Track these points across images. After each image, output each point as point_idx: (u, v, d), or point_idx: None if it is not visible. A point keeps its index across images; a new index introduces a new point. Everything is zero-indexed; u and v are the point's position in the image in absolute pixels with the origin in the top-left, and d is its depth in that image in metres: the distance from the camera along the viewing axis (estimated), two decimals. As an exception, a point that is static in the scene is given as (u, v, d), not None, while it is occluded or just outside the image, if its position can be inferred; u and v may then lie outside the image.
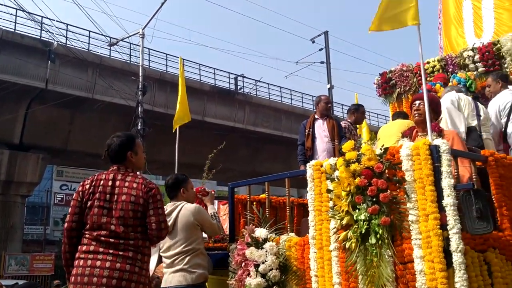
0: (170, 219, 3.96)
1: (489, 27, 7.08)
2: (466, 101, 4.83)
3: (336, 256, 3.26)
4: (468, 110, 4.76)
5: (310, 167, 3.65)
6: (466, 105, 4.77)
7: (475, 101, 4.97)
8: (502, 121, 5.18)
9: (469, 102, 4.85)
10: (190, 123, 6.15)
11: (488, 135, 4.66)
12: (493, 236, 3.07)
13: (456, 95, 4.96)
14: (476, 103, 4.87)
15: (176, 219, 3.96)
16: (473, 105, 4.82)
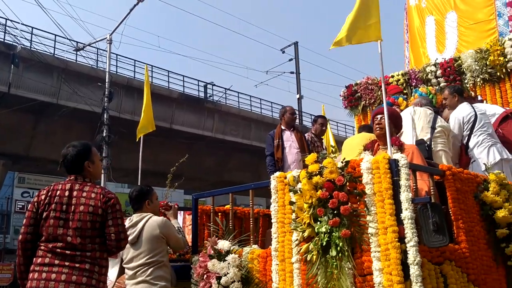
0: (136, 230, 3.91)
1: (452, 44, 7.32)
2: (422, 115, 4.94)
3: (298, 268, 3.27)
4: (422, 123, 4.86)
5: (274, 179, 3.66)
6: (421, 118, 4.87)
7: (436, 114, 5.10)
8: (465, 134, 5.33)
9: (426, 115, 4.96)
10: (157, 131, 6.07)
11: (443, 147, 4.76)
12: (449, 248, 3.14)
13: (412, 109, 5.10)
14: (435, 116, 4.99)
15: (141, 231, 3.90)
16: (430, 118, 4.93)
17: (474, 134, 5.29)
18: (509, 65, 6.19)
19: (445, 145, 4.80)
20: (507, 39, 6.24)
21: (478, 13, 7.22)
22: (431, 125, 4.83)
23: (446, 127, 4.94)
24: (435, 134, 4.77)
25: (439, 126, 4.88)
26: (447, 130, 4.94)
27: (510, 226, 3.62)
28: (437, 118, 4.97)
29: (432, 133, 4.78)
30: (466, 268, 3.21)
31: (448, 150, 4.83)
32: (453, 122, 5.36)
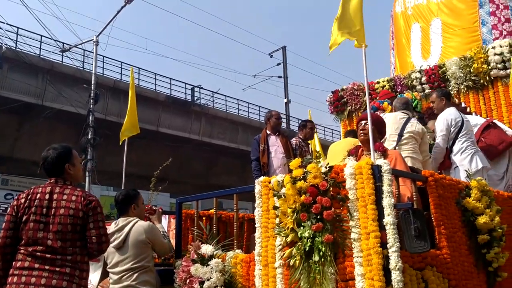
0: (121, 235, 3.88)
1: (436, 50, 7.41)
2: (390, 122, 4.94)
3: (281, 273, 3.27)
4: (390, 131, 4.88)
5: (259, 183, 3.66)
6: (389, 125, 4.88)
7: (409, 119, 5.10)
8: (450, 137, 5.37)
9: (395, 121, 4.99)
10: (143, 134, 6.05)
11: (409, 154, 4.76)
12: (431, 254, 3.16)
13: (384, 115, 5.15)
14: (406, 121, 4.99)
15: (127, 235, 3.87)
16: (399, 124, 4.93)
17: (459, 139, 5.35)
18: (492, 72, 6.28)
19: (413, 150, 4.77)
20: (490, 47, 6.33)
21: (462, 20, 7.31)
22: (398, 132, 4.82)
23: (417, 131, 4.89)
24: (401, 141, 4.77)
25: (408, 132, 4.85)
26: (419, 134, 4.90)
27: (491, 232, 3.66)
28: (408, 123, 4.95)
29: (398, 140, 4.78)
30: (448, 274, 3.24)
31: (417, 155, 4.80)
32: (442, 123, 5.38)
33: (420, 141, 4.99)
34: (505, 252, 3.75)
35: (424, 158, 5.03)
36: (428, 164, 4.92)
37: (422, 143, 5.02)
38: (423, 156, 5.02)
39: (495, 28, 7.02)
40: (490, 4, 7.16)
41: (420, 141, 4.99)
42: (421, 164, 4.85)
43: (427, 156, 5.12)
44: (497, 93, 6.28)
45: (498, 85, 6.30)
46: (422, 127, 5.05)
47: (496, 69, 6.23)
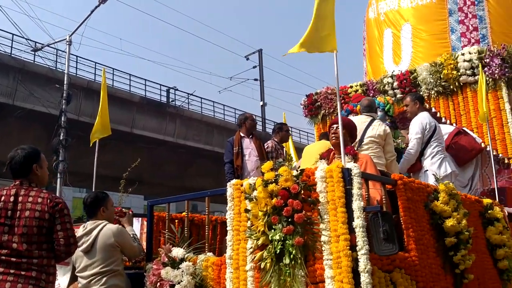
0: (90, 238, 3.82)
1: (407, 55, 7.55)
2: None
3: (252, 276, 3.27)
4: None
5: (230, 186, 3.65)
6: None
7: (372, 121, 5.14)
8: (425, 139, 5.47)
9: (358, 125, 5.03)
10: (117, 135, 5.98)
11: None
12: (399, 256, 3.21)
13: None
14: (369, 125, 5.02)
15: (96, 239, 3.81)
16: (361, 128, 4.96)
17: (431, 144, 5.47)
18: (461, 78, 6.45)
19: (375, 155, 4.75)
20: (460, 54, 6.49)
21: (431, 27, 7.48)
22: (359, 138, 4.84)
23: (378, 134, 4.86)
24: (362, 146, 4.81)
25: (368, 137, 4.85)
26: (381, 137, 4.84)
27: (458, 235, 3.74)
28: (370, 126, 4.96)
29: (359, 146, 4.82)
30: (415, 276, 3.29)
31: (379, 159, 4.80)
32: (417, 126, 5.48)
33: (383, 143, 4.96)
34: (472, 255, 3.84)
35: (389, 158, 4.98)
36: (393, 165, 4.95)
37: (386, 144, 4.96)
38: (388, 156, 4.98)
39: (464, 36, 7.21)
40: (459, 13, 7.36)
41: (383, 143, 4.95)
42: (384, 168, 4.88)
43: (393, 156, 5.07)
44: (466, 99, 6.45)
45: (467, 91, 6.46)
46: (385, 128, 5.02)
47: (465, 75, 6.40)
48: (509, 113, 6.12)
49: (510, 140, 6.07)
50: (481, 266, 4.19)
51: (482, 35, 7.19)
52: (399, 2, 7.88)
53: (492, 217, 4.61)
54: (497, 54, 6.16)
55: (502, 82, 6.17)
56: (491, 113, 6.15)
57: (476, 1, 7.34)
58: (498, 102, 6.19)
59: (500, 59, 6.12)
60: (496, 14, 7.23)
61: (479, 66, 6.15)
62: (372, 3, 8.33)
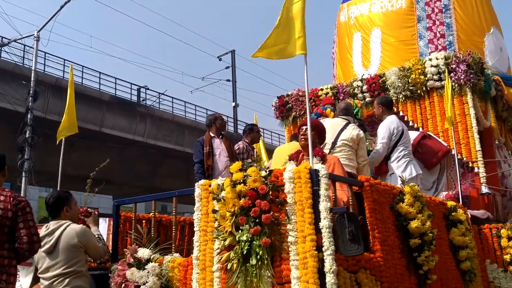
0: (52, 238, 3.72)
1: (376, 60, 7.67)
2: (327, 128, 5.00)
3: (218, 277, 3.26)
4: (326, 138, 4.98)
5: (198, 187, 3.63)
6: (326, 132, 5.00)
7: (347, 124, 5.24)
8: (391, 144, 5.58)
9: (332, 128, 5.08)
10: (86, 134, 5.87)
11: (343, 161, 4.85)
12: (364, 257, 3.25)
13: (323, 121, 5.31)
14: (343, 127, 5.11)
15: (58, 239, 3.72)
16: (336, 131, 5.03)
17: (397, 148, 5.57)
18: (429, 83, 6.58)
19: (347, 157, 4.86)
20: (427, 59, 6.63)
21: (400, 33, 7.62)
22: (332, 140, 4.93)
23: (351, 138, 4.96)
24: (335, 148, 4.89)
25: (341, 140, 4.95)
26: (354, 140, 4.96)
27: (422, 236, 3.82)
28: (345, 129, 5.05)
29: (332, 148, 4.90)
30: (380, 277, 3.34)
31: (351, 162, 4.91)
32: (384, 131, 5.57)
33: (357, 147, 5.06)
34: (435, 256, 3.93)
35: (361, 163, 5.09)
36: (365, 169, 5.04)
37: (359, 148, 5.07)
38: (361, 161, 5.08)
39: (431, 43, 7.38)
40: (427, 20, 7.53)
41: (356, 147, 5.05)
42: (354, 170, 4.96)
43: (365, 161, 5.20)
44: (433, 103, 6.59)
45: (433, 96, 6.60)
46: (358, 133, 5.12)
47: (432, 80, 6.54)
48: (473, 118, 6.28)
49: (474, 144, 6.23)
50: (444, 267, 4.29)
51: (449, 42, 7.38)
52: (370, 7, 8.01)
53: (455, 219, 4.73)
54: (463, 61, 6.31)
55: (467, 87, 6.33)
56: (457, 117, 6.30)
57: (443, 9, 7.52)
58: (463, 107, 6.34)
59: (466, 65, 6.27)
60: (462, 22, 7.43)
61: (445, 71, 6.29)
62: (344, 7, 8.43)
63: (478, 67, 6.39)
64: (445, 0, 7.54)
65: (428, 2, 7.57)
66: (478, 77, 6.37)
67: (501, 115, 7.27)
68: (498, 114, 7.14)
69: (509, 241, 5.17)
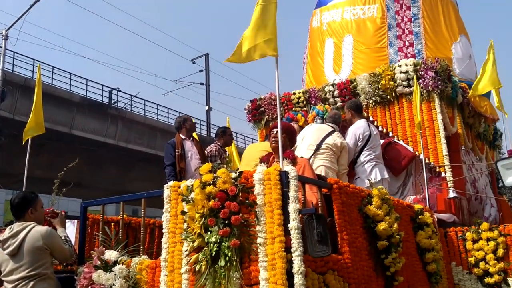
0: (16, 241, 3.63)
1: (347, 66, 7.77)
2: (314, 132, 5.34)
3: (187, 279, 3.23)
4: (310, 141, 5.24)
5: (168, 188, 3.60)
6: (312, 135, 5.27)
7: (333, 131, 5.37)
8: (356, 149, 5.68)
9: (318, 132, 5.35)
10: (55, 136, 5.75)
11: (324, 163, 5.16)
12: (333, 259, 3.28)
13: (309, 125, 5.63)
14: (329, 134, 5.28)
15: (22, 241, 3.64)
16: (322, 135, 5.25)
17: (364, 153, 5.68)
18: (398, 89, 6.70)
19: (329, 160, 5.01)
20: (397, 66, 6.76)
21: (372, 40, 7.74)
22: (317, 143, 5.07)
23: (335, 144, 5.19)
24: (319, 150, 5.01)
25: (326, 143, 5.12)
26: (337, 147, 5.20)
27: (389, 238, 3.88)
28: (330, 136, 5.22)
29: (316, 149, 5.01)
30: (348, 278, 3.37)
31: (333, 165, 5.04)
32: (349, 136, 5.68)
33: (339, 154, 5.31)
34: (402, 258, 3.99)
35: (341, 171, 5.33)
36: (343, 178, 5.18)
37: (341, 156, 5.33)
38: (341, 169, 5.32)
39: (401, 51, 7.52)
40: (397, 28, 7.67)
41: (339, 154, 5.29)
42: (335, 174, 5.08)
43: (344, 170, 5.40)
44: (402, 109, 6.71)
45: (403, 101, 6.72)
46: (342, 141, 5.37)
47: (401, 86, 6.66)
48: (441, 123, 6.41)
49: (441, 149, 6.36)
50: (411, 269, 4.37)
51: (417, 51, 7.53)
52: (342, 13, 8.10)
53: (422, 222, 4.82)
54: (431, 67, 6.45)
55: (435, 94, 6.46)
56: (425, 123, 6.42)
57: (412, 18, 7.68)
58: (431, 113, 6.47)
59: (434, 72, 6.41)
60: (431, 31, 7.60)
61: (414, 78, 6.42)
62: (316, 13, 8.51)
63: (446, 74, 6.54)
64: (414, 9, 7.69)
65: (398, 11, 7.72)
66: (446, 84, 6.52)
67: (468, 122, 7.45)
68: (465, 121, 7.32)
69: (474, 244, 5.28)
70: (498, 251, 5.13)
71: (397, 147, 6.41)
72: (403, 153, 6.35)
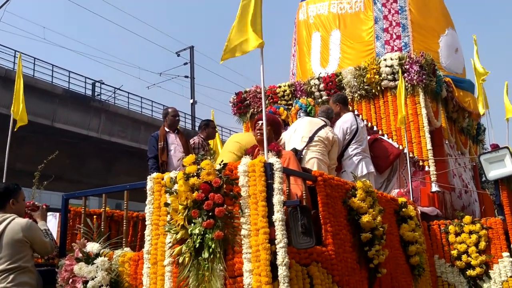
0: None
1: (334, 60, 7.77)
2: (306, 124, 5.36)
3: (170, 271, 3.20)
4: (303, 133, 5.23)
5: (151, 180, 3.56)
6: (304, 128, 5.28)
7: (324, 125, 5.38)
8: (345, 143, 5.70)
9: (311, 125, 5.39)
10: (37, 128, 5.63)
11: (316, 155, 5.17)
12: (316, 250, 3.27)
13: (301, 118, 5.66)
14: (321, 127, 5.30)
15: (2, 233, 3.55)
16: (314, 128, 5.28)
17: (351, 146, 5.69)
18: (383, 83, 6.72)
19: (321, 153, 5.04)
20: (382, 59, 6.77)
21: (359, 34, 7.75)
22: (310, 135, 5.09)
23: (327, 137, 5.22)
24: (311, 143, 5.02)
25: (318, 136, 5.13)
26: (329, 141, 5.22)
27: (373, 231, 3.89)
28: (322, 129, 5.23)
29: (309, 142, 5.02)
30: (332, 270, 3.37)
31: (324, 158, 5.07)
32: (338, 130, 5.70)
33: (330, 148, 5.32)
34: (385, 250, 4.01)
35: (331, 166, 5.33)
36: (332, 173, 5.20)
37: (332, 151, 5.35)
38: (331, 163, 5.34)
39: (388, 44, 7.53)
40: (384, 21, 7.67)
41: (330, 148, 5.30)
42: (326, 167, 5.10)
43: (334, 164, 5.42)
44: (387, 103, 6.74)
45: (388, 95, 6.75)
46: (334, 136, 5.38)
47: (386, 80, 6.68)
48: (425, 118, 6.45)
49: (425, 143, 6.41)
50: (394, 261, 4.39)
51: (404, 43, 7.54)
52: (329, 7, 8.08)
53: (405, 215, 4.85)
54: (416, 62, 6.48)
55: (419, 88, 6.50)
56: (409, 117, 6.46)
57: (399, 10, 7.68)
58: (416, 107, 6.52)
59: (419, 66, 6.44)
60: (418, 24, 7.59)
61: (399, 72, 6.44)
62: (303, 5, 8.48)
63: (431, 68, 6.58)
64: (401, 2, 7.68)
65: (384, 3, 7.71)
66: (430, 78, 6.56)
67: (451, 116, 7.52)
68: (449, 115, 7.38)
69: (456, 237, 5.34)
70: (480, 244, 5.19)
71: (384, 144, 6.44)
72: (390, 150, 6.38)
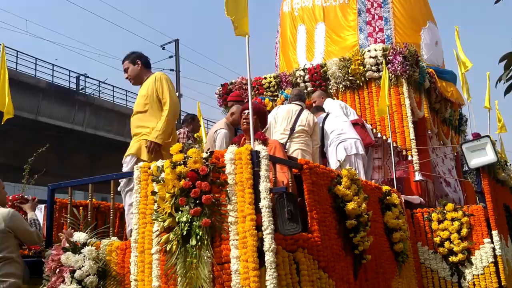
0: None
1: (319, 53, 7.81)
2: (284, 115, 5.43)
3: (157, 259, 3.22)
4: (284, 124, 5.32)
5: (137, 169, 3.57)
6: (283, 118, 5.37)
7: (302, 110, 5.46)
8: None
9: (287, 115, 5.40)
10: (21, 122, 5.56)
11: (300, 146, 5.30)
12: (303, 237, 3.32)
13: (277, 107, 5.69)
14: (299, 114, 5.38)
15: None
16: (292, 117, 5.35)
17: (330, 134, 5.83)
18: (367, 74, 6.80)
19: (305, 143, 5.10)
20: (366, 51, 6.84)
21: (343, 27, 7.80)
22: (291, 126, 5.12)
23: (308, 123, 5.27)
24: (294, 134, 5.07)
25: (299, 125, 5.17)
26: (309, 126, 5.27)
27: (358, 218, 3.95)
28: (300, 116, 5.26)
29: (291, 134, 5.06)
30: (318, 256, 3.42)
31: (308, 147, 5.14)
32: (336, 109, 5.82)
33: (312, 132, 5.37)
34: (370, 237, 4.08)
35: (315, 146, 5.45)
36: (317, 153, 5.35)
37: (313, 133, 5.41)
38: (314, 144, 5.41)
39: (371, 36, 7.59)
40: (367, 14, 7.73)
41: (311, 132, 5.36)
42: (311, 157, 5.16)
43: (317, 145, 5.56)
44: (371, 93, 6.82)
45: (372, 86, 6.84)
46: (313, 118, 5.42)
47: (370, 71, 6.76)
48: (408, 108, 6.55)
49: (408, 133, 6.50)
50: (378, 248, 4.47)
51: (387, 36, 7.61)
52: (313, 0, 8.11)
53: (390, 203, 4.93)
54: (400, 52, 6.56)
55: (403, 79, 6.59)
56: (393, 107, 6.55)
57: (382, 4, 7.74)
58: (399, 98, 6.60)
59: (402, 57, 6.53)
60: (400, 17, 7.67)
61: (383, 62, 6.52)
62: (287, -4, 8.50)
63: (414, 59, 6.67)
64: (384, -5, 7.77)
65: (367, -4, 7.78)
66: (414, 69, 6.65)
67: (434, 107, 7.63)
68: (431, 106, 7.49)
69: (439, 224, 5.44)
70: (462, 231, 5.30)
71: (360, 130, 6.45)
72: (362, 137, 6.43)
